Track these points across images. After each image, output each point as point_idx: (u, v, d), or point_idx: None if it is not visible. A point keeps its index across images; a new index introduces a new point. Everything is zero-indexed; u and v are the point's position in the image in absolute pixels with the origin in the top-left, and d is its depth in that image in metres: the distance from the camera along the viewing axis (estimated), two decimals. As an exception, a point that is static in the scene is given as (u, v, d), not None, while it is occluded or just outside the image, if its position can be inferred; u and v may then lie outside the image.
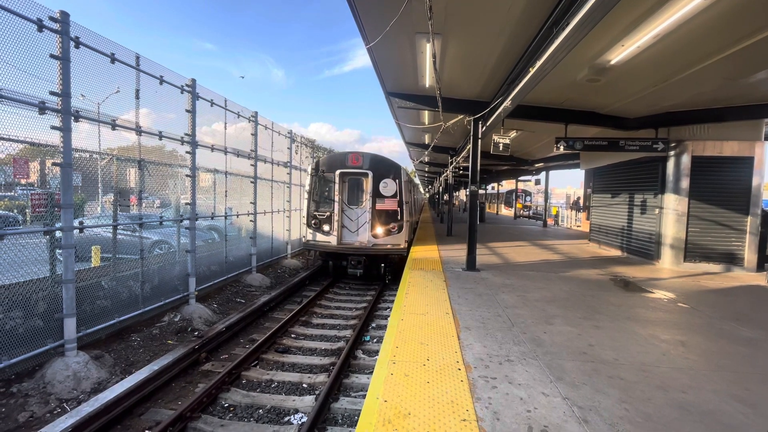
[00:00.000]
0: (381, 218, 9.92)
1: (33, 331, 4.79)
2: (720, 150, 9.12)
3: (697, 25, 4.76)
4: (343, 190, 10.27)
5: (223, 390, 4.88)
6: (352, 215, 10.22)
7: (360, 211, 10.21)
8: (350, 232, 10.15)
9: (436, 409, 2.97)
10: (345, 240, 10.15)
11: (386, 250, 9.84)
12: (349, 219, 10.18)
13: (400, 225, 9.90)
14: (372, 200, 9.94)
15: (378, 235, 9.90)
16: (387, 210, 9.93)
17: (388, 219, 9.92)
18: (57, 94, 4.74)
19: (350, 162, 10.17)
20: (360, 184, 10.29)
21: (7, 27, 4.30)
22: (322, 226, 10.03)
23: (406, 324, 4.76)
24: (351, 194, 10.33)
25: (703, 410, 3.11)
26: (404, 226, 9.91)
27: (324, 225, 10.04)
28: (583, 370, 3.74)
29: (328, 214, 10.06)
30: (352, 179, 10.29)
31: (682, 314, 5.70)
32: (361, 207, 10.22)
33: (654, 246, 9.97)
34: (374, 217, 9.93)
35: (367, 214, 10.00)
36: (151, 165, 6.84)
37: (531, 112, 8.85)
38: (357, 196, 10.33)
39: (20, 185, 5.61)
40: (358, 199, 10.31)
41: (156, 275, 7.00)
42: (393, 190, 9.94)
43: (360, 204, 10.24)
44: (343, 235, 10.15)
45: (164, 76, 6.77)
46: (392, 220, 9.91)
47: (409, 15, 4.72)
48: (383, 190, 9.96)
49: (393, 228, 9.89)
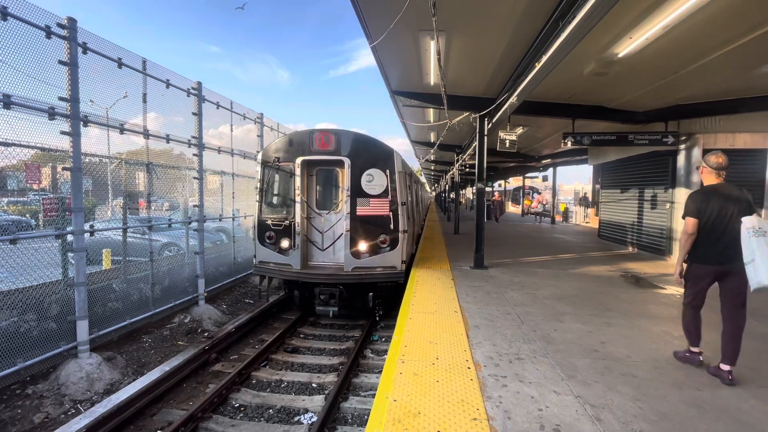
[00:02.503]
0: (365, 229, 6.75)
1: (47, 333, 4.87)
2: (732, 142, 8.94)
3: (707, 15, 4.66)
4: (309, 188, 7.17)
5: (233, 390, 4.91)
6: (323, 225, 7.13)
7: (334, 218, 7.09)
8: (319, 251, 7.08)
9: (446, 408, 2.95)
10: (312, 262, 7.11)
11: (373, 276, 6.69)
12: (317, 231, 7.11)
13: (394, 238, 6.75)
14: (352, 202, 6.76)
15: (361, 253, 6.72)
16: (374, 216, 6.77)
17: (377, 229, 6.77)
18: (66, 99, 4.80)
19: (317, 145, 6.89)
20: (333, 178, 7.21)
21: (16, 35, 4.37)
22: (278, 241, 6.95)
23: (414, 323, 4.74)
24: (320, 193, 7.31)
25: (720, 407, 3.05)
26: (400, 239, 6.76)
27: (281, 240, 6.92)
28: (594, 367, 3.69)
29: (287, 223, 6.92)
30: (321, 171, 7.24)
31: (695, 310, 5.59)
32: (335, 212, 7.09)
33: (665, 241, 9.81)
34: (355, 227, 6.74)
35: (344, 223, 6.80)
36: (160, 168, 6.91)
37: (537, 108, 8.75)
38: (329, 196, 7.27)
39: (32, 190, 5.69)
40: (330, 201, 7.23)
41: (166, 277, 7.08)
42: (382, 185, 6.79)
43: (334, 208, 7.13)
44: (308, 255, 7.09)
45: (170, 79, 6.83)
46: (382, 231, 6.77)
47: (413, 12, 4.68)
48: (368, 186, 6.80)
49: (383, 243, 6.74)
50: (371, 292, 6.88)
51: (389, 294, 7.32)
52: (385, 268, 6.75)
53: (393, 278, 6.79)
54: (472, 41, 6.05)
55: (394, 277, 6.78)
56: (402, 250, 6.80)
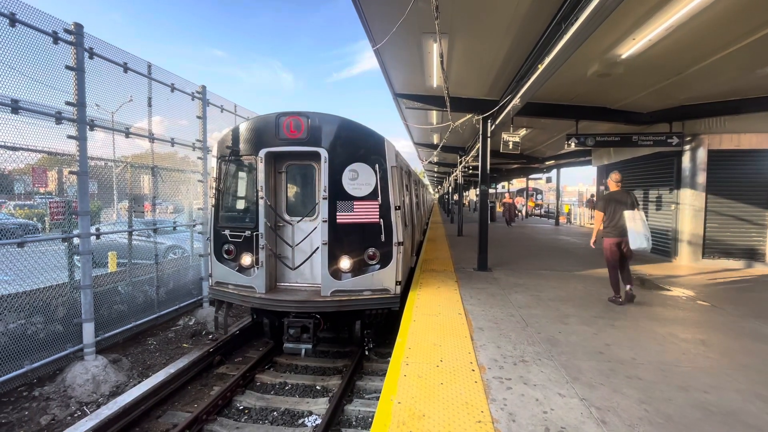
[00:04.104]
0: (348, 240, 5.29)
1: (53, 335, 4.92)
2: (738, 143, 8.88)
3: (710, 16, 4.65)
4: (277, 188, 5.68)
5: (237, 392, 4.93)
6: (293, 235, 5.64)
7: (309, 226, 5.60)
8: (289, 269, 5.57)
9: (450, 410, 2.94)
10: (282, 283, 5.64)
11: (359, 302, 5.20)
12: (286, 243, 5.61)
13: (385, 252, 5.29)
14: (330, 205, 5.25)
15: (342, 272, 5.26)
16: (359, 224, 5.29)
17: (363, 241, 5.31)
18: (72, 103, 4.86)
19: (285, 132, 5.32)
20: (309, 176, 5.73)
21: (24, 40, 4.44)
22: (238, 256, 5.48)
23: (418, 325, 4.73)
24: (291, 195, 5.83)
25: (727, 410, 3.02)
26: (394, 253, 5.29)
27: (242, 255, 5.45)
28: (600, 370, 3.66)
29: (248, 233, 5.42)
30: (293, 167, 5.73)
31: (701, 312, 5.55)
32: (310, 219, 5.62)
33: (671, 242, 9.74)
34: (335, 238, 5.25)
35: (319, 233, 5.35)
36: (164, 171, 6.97)
37: (540, 109, 8.74)
38: (303, 199, 5.81)
39: (39, 194, 5.76)
40: (303, 204, 5.77)
41: (170, 280, 7.12)
42: (370, 184, 5.30)
43: (308, 214, 5.64)
44: (276, 275, 5.62)
45: (175, 83, 6.89)
46: (370, 243, 5.30)
47: (416, 15, 4.71)
48: (351, 185, 5.29)
49: (372, 258, 5.29)
50: (359, 320, 5.45)
51: (384, 321, 5.82)
52: (374, 292, 5.24)
53: (384, 304, 5.26)
54: (474, 43, 6.07)
55: (386, 303, 5.24)
56: (396, 267, 5.28)
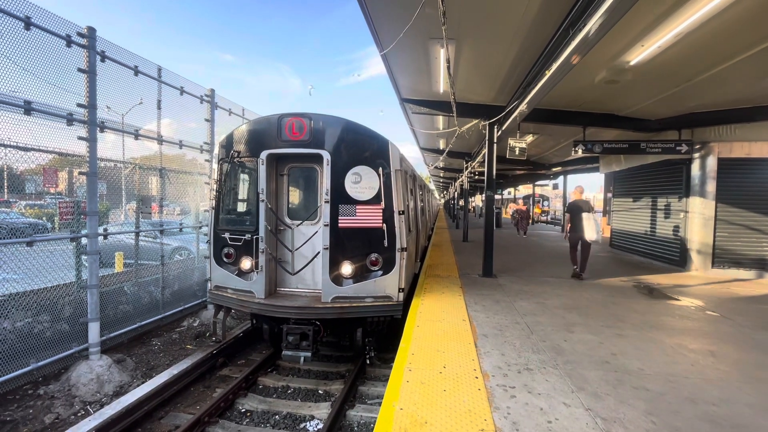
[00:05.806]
0: (351, 245, 5.25)
1: (59, 334, 4.96)
2: (748, 151, 8.76)
3: (721, 23, 4.61)
4: (279, 191, 5.66)
5: (240, 395, 4.92)
6: (293, 239, 5.59)
7: (309, 230, 5.55)
8: (289, 274, 5.52)
9: (453, 418, 2.91)
10: (282, 288, 5.61)
11: (360, 309, 5.14)
12: (286, 248, 5.55)
13: (388, 258, 5.23)
14: (332, 209, 5.22)
15: (344, 278, 5.23)
16: (362, 228, 5.24)
17: (365, 246, 5.26)
18: (84, 105, 4.94)
19: (287, 134, 5.31)
20: (311, 179, 5.74)
21: (39, 43, 4.53)
22: (238, 260, 5.48)
23: (421, 331, 4.70)
24: (292, 198, 5.82)
25: (737, 424, 2.95)
26: (397, 259, 5.21)
27: (242, 259, 5.44)
28: (606, 379, 3.61)
29: (249, 236, 5.41)
30: (295, 169, 5.75)
31: (711, 323, 5.45)
32: (311, 223, 5.57)
33: (679, 251, 9.61)
34: (337, 243, 5.21)
35: (321, 237, 5.27)
36: (172, 173, 7.04)
37: (548, 116, 8.71)
38: (305, 203, 5.81)
39: (49, 194, 5.84)
40: (304, 208, 5.76)
41: (176, 281, 7.16)
42: (373, 188, 5.26)
43: (310, 217, 5.59)
44: (277, 279, 5.59)
45: (184, 86, 6.98)
46: (373, 249, 5.26)
47: (423, 21, 4.73)
48: (354, 188, 5.26)
49: (374, 264, 5.25)
50: (360, 327, 5.42)
51: (386, 328, 5.70)
52: (376, 299, 5.17)
53: (386, 312, 5.18)
54: (481, 49, 6.07)
55: (388, 310, 5.17)
56: (399, 274, 5.21)
